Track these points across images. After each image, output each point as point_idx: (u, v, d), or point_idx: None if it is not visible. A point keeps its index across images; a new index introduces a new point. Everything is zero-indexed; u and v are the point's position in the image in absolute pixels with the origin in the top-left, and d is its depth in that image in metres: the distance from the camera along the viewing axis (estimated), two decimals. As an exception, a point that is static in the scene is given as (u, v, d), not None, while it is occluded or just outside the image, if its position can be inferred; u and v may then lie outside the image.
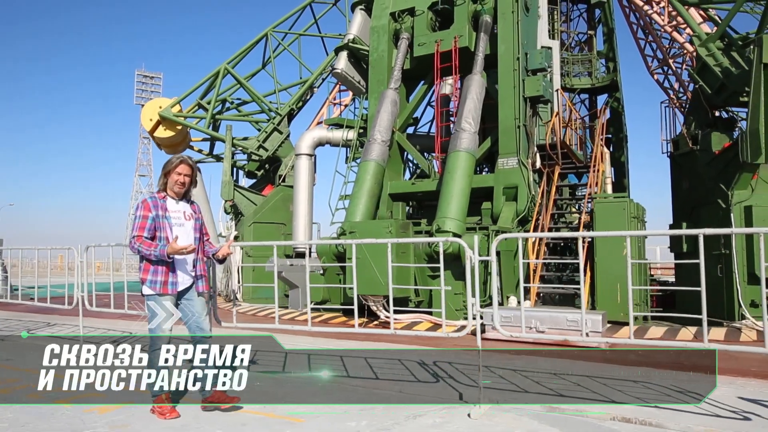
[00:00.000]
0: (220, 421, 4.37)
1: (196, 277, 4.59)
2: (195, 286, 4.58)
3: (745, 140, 9.68)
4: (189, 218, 4.55)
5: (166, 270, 4.41)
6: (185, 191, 4.55)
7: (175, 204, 4.51)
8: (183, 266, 4.50)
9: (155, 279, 4.39)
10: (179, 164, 4.46)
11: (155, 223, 4.37)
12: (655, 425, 4.31)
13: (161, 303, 4.40)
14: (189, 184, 4.53)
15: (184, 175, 4.47)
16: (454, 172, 11.57)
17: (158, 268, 4.40)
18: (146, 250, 4.31)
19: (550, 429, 4.19)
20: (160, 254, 4.30)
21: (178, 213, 4.49)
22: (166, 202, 4.46)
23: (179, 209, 4.51)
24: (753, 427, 4.22)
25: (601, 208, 10.27)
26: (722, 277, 10.23)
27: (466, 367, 6.60)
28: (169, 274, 4.42)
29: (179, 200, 4.53)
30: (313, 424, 4.29)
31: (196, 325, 4.55)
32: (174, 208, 4.49)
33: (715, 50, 11.17)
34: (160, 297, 4.40)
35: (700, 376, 6.20)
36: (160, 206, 4.42)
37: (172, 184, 4.47)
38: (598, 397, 5.13)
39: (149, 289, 4.40)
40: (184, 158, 4.52)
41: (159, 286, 4.39)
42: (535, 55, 13.11)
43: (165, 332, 4.41)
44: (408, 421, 4.37)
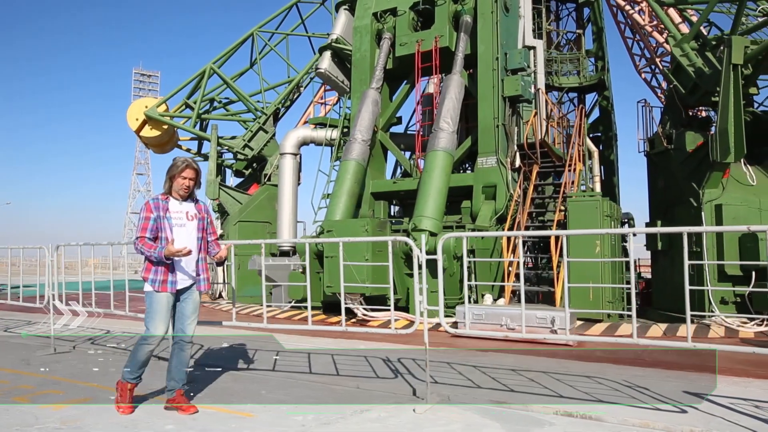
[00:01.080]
0: (172, 416, 4.48)
1: (198, 277, 4.66)
2: (196, 285, 4.66)
3: (715, 140, 9.81)
4: (192, 218, 4.61)
5: (166, 269, 4.48)
6: (190, 193, 4.64)
7: (178, 204, 4.57)
8: (183, 266, 4.56)
9: (155, 278, 4.47)
10: (185, 168, 4.51)
11: (157, 224, 4.44)
12: (594, 419, 4.43)
13: (158, 300, 4.47)
14: (194, 187, 4.62)
15: (189, 179, 4.53)
16: (431, 172, 11.69)
17: (159, 267, 4.48)
18: (147, 251, 4.40)
19: (489, 422, 4.31)
20: (159, 256, 4.37)
21: (180, 213, 4.55)
22: (168, 203, 4.53)
23: (181, 210, 4.57)
24: (687, 418, 4.34)
25: (574, 206, 10.39)
26: (694, 274, 10.34)
27: (429, 363, 6.72)
28: (168, 273, 4.49)
29: (183, 201, 4.60)
30: (261, 418, 4.41)
31: (180, 327, 4.64)
32: (176, 208, 4.55)
33: (689, 51, 11.28)
34: (158, 294, 4.47)
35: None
36: (162, 207, 4.49)
37: (178, 188, 4.53)
38: (549, 392, 5.25)
39: (149, 287, 4.48)
40: (189, 162, 4.56)
41: (158, 285, 4.46)
42: (515, 54, 13.22)
43: (158, 330, 4.47)
44: (354, 416, 4.49)
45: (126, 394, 4.53)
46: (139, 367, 4.54)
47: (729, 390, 5.33)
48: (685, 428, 4.14)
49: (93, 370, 6.28)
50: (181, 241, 4.45)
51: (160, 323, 4.48)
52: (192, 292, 4.64)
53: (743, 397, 5.03)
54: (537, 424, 4.28)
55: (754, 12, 13.22)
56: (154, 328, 4.46)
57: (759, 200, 10.26)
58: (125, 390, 4.53)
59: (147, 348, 4.49)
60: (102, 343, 8.41)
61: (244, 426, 4.21)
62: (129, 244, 6.51)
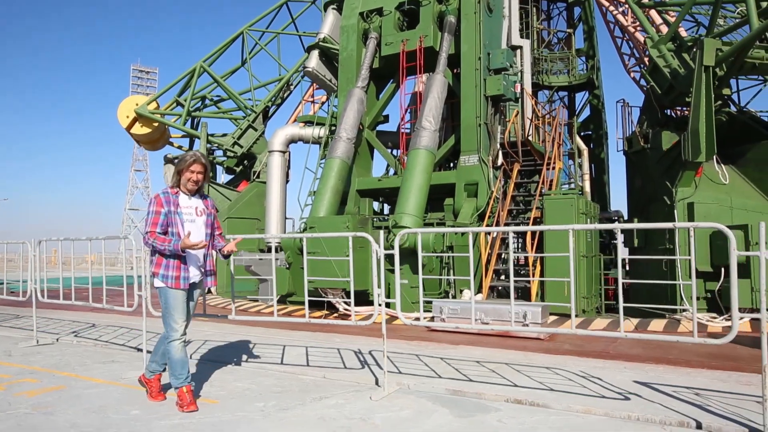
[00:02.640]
0: (138, 401, 4.71)
1: (206, 273, 4.70)
2: (204, 281, 4.69)
3: (687, 140, 10.05)
4: (201, 214, 4.60)
5: (177, 264, 4.46)
6: (198, 188, 4.62)
7: (188, 200, 4.54)
8: (194, 261, 4.57)
9: (167, 273, 4.44)
10: (193, 163, 4.47)
11: (167, 219, 4.40)
12: (541, 406, 4.67)
13: (174, 296, 4.48)
14: (202, 181, 4.58)
15: (197, 173, 4.50)
16: (413, 169, 11.91)
17: (170, 262, 4.45)
18: (160, 245, 4.35)
19: (439, 408, 4.54)
20: (174, 249, 4.33)
21: (190, 209, 4.53)
22: (178, 198, 4.49)
23: (191, 205, 4.55)
24: (627, 405, 4.58)
25: (550, 204, 10.63)
26: (667, 271, 10.60)
27: (398, 355, 6.96)
28: (180, 269, 4.47)
29: (192, 196, 4.58)
30: (223, 404, 4.64)
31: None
32: (186, 203, 4.52)
33: (666, 52, 11.52)
34: (173, 291, 4.47)
35: (613, 363, 6.57)
36: (173, 202, 4.45)
37: (186, 182, 4.50)
38: (505, 382, 5.48)
39: (161, 282, 4.46)
40: (197, 156, 4.52)
41: (171, 281, 4.44)
42: (497, 54, 13.43)
43: (180, 324, 4.48)
44: (313, 402, 4.72)
45: (185, 396, 4.48)
46: (180, 368, 4.49)
47: (677, 379, 5.57)
48: (623, 413, 4.38)
49: (71, 361, 6.51)
50: (194, 237, 4.46)
51: (179, 317, 4.49)
52: (196, 289, 4.67)
53: (687, 385, 5.28)
54: (484, 410, 4.52)
55: (732, 14, 13.46)
56: (174, 322, 4.46)
57: (730, 198, 10.51)
58: (183, 395, 4.49)
59: (176, 345, 4.48)
60: (86, 335, 8.64)
61: (206, 411, 4.45)
62: (109, 240, 6.74)
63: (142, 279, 5.97)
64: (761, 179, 10.78)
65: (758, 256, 3.81)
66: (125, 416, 4.32)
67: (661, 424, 4.19)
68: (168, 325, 4.50)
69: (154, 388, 4.78)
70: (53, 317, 10.93)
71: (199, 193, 4.65)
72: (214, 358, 6.73)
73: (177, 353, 4.49)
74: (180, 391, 4.48)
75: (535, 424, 4.14)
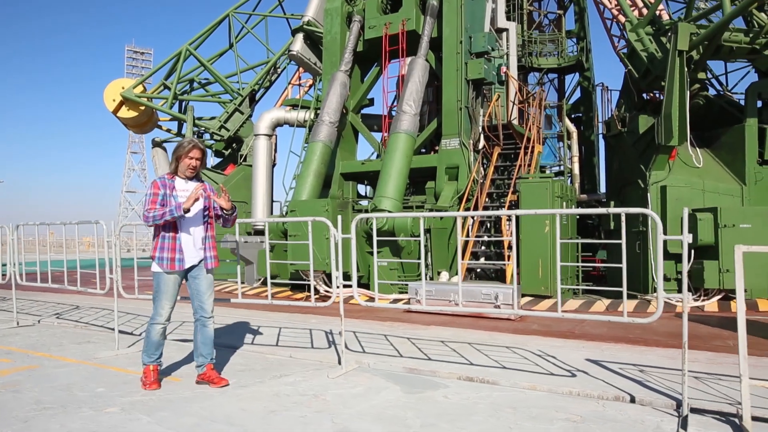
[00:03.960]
0: (105, 379, 4.92)
1: (205, 254, 4.70)
2: (204, 263, 4.70)
3: (660, 124, 10.18)
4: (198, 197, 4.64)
5: (173, 247, 4.53)
6: (196, 173, 4.72)
7: (184, 183, 4.62)
8: (191, 243, 4.61)
9: (162, 256, 4.52)
10: (191, 149, 4.58)
11: (164, 201, 4.48)
12: (491, 382, 4.88)
13: (165, 281, 4.56)
14: (200, 167, 4.69)
15: (196, 159, 4.60)
16: (393, 153, 12.05)
17: (165, 244, 4.52)
18: (160, 213, 4.41)
19: (391, 385, 4.76)
20: (176, 209, 4.40)
21: (186, 192, 4.57)
22: (174, 182, 4.58)
23: (188, 188, 4.60)
24: (571, 381, 4.80)
25: (526, 188, 10.79)
26: (640, 253, 10.81)
27: (368, 335, 7.19)
28: (176, 251, 4.53)
29: (189, 180, 4.66)
30: (185, 382, 4.84)
31: (199, 304, 4.72)
32: (182, 187, 4.60)
33: (644, 36, 11.60)
34: (166, 275, 4.55)
35: (573, 343, 6.80)
36: (168, 185, 4.54)
37: (184, 168, 4.60)
38: (462, 360, 5.69)
39: (157, 266, 4.54)
40: (195, 143, 4.62)
41: (166, 263, 4.52)
42: (479, 38, 13.46)
43: (165, 310, 4.59)
44: (272, 380, 4.93)
45: (150, 374, 4.63)
46: (154, 349, 4.63)
47: (628, 357, 5.80)
48: (566, 389, 4.59)
49: (48, 342, 6.72)
50: (188, 218, 4.56)
51: (167, 303, 4.60)
52: (202, 270, 4.70)
53: (636, 363, 5.50)
54: (433, 387, 4.73)
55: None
56: (161, 308, 4.59)
57: (703, 182, 10.68)
58: (148, 372, 4.65)
59: (156, 328, 4.60)
60: (67, 317, 8.85)
61: (168, 388, 4.65)
62: (83, 224, 6.91)
63: (113, 262, 6.14)
64: (733, 162, 10.95)
65: (681, 240, 3.98)
66: (90, 393, 4.52)
67: (599, 398, 4.40)
68: (155, 309, 4.62)
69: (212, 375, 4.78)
70: (39, 299, 11.14)
71: (196, 178, 4.74)
72: (188, 337, 6.94)
73: (155, 336, 4.64)
74: (146, 369, 4.65)
75: (477, 400, 4.35)
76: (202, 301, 4.71)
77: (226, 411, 4.07)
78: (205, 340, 4.74)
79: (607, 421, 3.83)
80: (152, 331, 4.64)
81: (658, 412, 4.06)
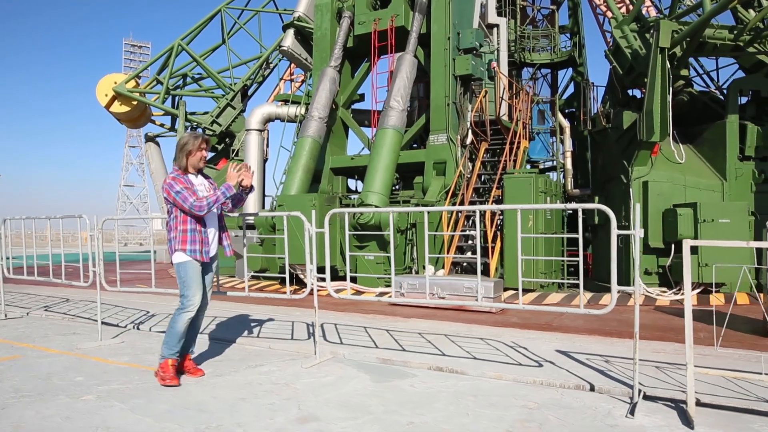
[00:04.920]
0: (85, 369, 5.07)
1: (224, 243, 4.92)
2: (225, 251, 4.90)
3: (642, 120, 10.32)
4: (209, 190, 4.78)
5: (201, 239, 4.65)
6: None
7: (195, 178, 4.75)
8: (213, 234, 4.81)
9: (194, 248, 4.61)
10: (201, 142, 4.70)
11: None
12: (459, 372, 5.04)
13: (194, 269, 4.63)
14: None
15: (206, 150, 4.78)
16: (380, 149, 12.18)
17: (196, 237, 4.62)
18: (213, 198, 4.56)
19: (361, 375, 4.92)
20: (227, 190, 4.58)
21: (202, 186, 4.74)
22: (189, 177, 4.69)
23: (200, 183, 4.75)
24: (536, 371, 4.95)
25: (510, 183, 10.93)
26: (622, 247, 10.97)
27: (348, 328, 7.34)
28: (203, 244, 4.67)
29: (197, 175, 4.80)
30: (163, 372, 4.99)
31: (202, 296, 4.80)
32: (197, 182, 4.73)
33: (629, 32, 11.71)
34: (193, 263, 4.62)
35: (547, 335, 6.95)
36: (187, 181, 4.64)
37: (197, 162, 4.70)
38: (436, 351, 5.84)
39: (187, 257, 4.59)
40: (200, 136, 4.73)
41: (197, 254, 4.61)
42: (467, 34, 13.58)
43: (197, 297, 4.63)
44: (247, 370, 5.09)
45: (169, 369, 4.57)
46: (177, 341, 4.63)
47: (597, 348, 5.96)
48: (530, 379, 4.75)
49: (33, 333, 6.87)
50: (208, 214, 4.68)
51: (198, 291, 4.65)
52: (212, 263, 4.88)
53: (603, 354, 5.66)
54: (401, 376, 4.89)
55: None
56: (193, 296, 4.62)
57: (684, 177, 10.83)
58: (167, 367, 4.58)
59: (186, 316, 4.61)
60: (56, 309, 8.99)
61: (145, 377, 4.81)
62: (68, 218, 7.04)
63: (96, 256, 6.28)
64: (715, 158, 11.10)
65: (632, 234, 4.13)
66: (69, 382, 4.68)
67: (560, 387, 4.56)
68: (185, 298, 4.63)
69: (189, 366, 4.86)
70: (31, 293, 11.30)
71: (201, 173, 4.86)
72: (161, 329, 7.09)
73: (182, 326, 4.61)
74: (165, 363, 4.60)
75: (442, 389, 4.51)
76: (206, 293, 4.84)
77: (198, 398, 4.23)
78: (193, 331, 4.85)
79: (561, 407, 3.99)
80: (181, 320, 4.60)
81: (614, 399, 4.22)
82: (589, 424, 3.66)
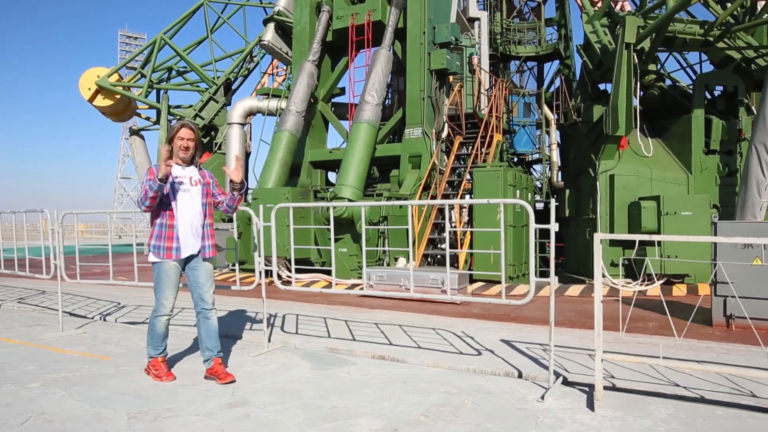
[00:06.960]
0: (37, 359, 5.26)
1: (203, 243, 4.52)
2: (201, 252, 4.51)
3: (608, 114, 10.50)
4: (195, 184, 4.51)
5: (170, 235, 4.38)
6: (192, 156, 4.54)
7: (181, 170, 4.47)
8: (189, 231, 4.45)
9: (158, 244, 4.37)
10: (180, 129, 4.45)
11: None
12: (399, 361, 5.24)
13: (165, 271, 4.42)
14: (194, 148, 4.51)
15: (187, 140, 4.44)
16: (354, 143, 12.34)
17: (162, 232, 4.37)
18: (143, 192, 4.27)
19: (304, 363, 5.12)
20: (153, 181, 4.20)
21: (184, 178, 4.46)
22: (174, 168, 4.43)
23: (185, 174, 4.48)
24: (473, 360, 5.15)
25: (479, 176, 11.11)
26: (590, 239, 11.17)
27: (308, 318, 7.54)
28: (173, 240, 4.38)
29: (186, 166, 4.52)
30: (115, 360, 5.19)
31: (199, 296, 4.56)
32: (179, 173, 4.45)
33: (599, 27, 11.87)
34: (164, 264, 4.41)
35: (498, 325, 7.16)
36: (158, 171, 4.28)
37: (177, 150, 4.43)
38: (384, 341, 6.04)
39: (153, 256, 4.40)
40: (185, 123, 4.51)
41: (163, 252, 4.37)
42: (442, 29, 13.70)
43: (168, 300, 4.46)
44: (195, 358, 5.27)
45: (161, 366, 4.59)
46: (160, 342, 4.57)
47: (541, 338, 6.14)
48: (465, 366, 4.96)
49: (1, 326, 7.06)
50: (185, 206, 4.42)
51: (169, 293, 4.46)
52: (200, 259, 4.53)
53: (544, 342, 5.86)
54: (341, 364, 5.09)
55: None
56: (164, 299, 4.45)
57: (651, 171, 11.02)
58: (158, 364, 4.60)
59: (161, 320, 4.50)
60: (30, 302, 9.17)
61: (95, 366, 5.00)
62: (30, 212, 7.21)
63: (57, 249, 6.46)
64: (681, 152, 11.29)
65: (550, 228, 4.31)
66: (19, 371, 4.86)
67: (491, 374, 4.77)
68: (157, 300, 4.48)
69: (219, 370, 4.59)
70: (9, 285, 11.47)
71: (193, 164, 4.59)
72: (135, 319, 7.29)
73: (161, 329, 4.54)
74: (155, 361, 4.61)
75: (376, 376, 4.71)
76: (201, 292, 4.55)
77: (139, 386, 4.42)
78: (209, 333, 4.58)
79: (480, 392, 4.20)
80: (157, 324, 4.51)
81: (535, 385, 4.43)
82: (501, 408, 3.86)
